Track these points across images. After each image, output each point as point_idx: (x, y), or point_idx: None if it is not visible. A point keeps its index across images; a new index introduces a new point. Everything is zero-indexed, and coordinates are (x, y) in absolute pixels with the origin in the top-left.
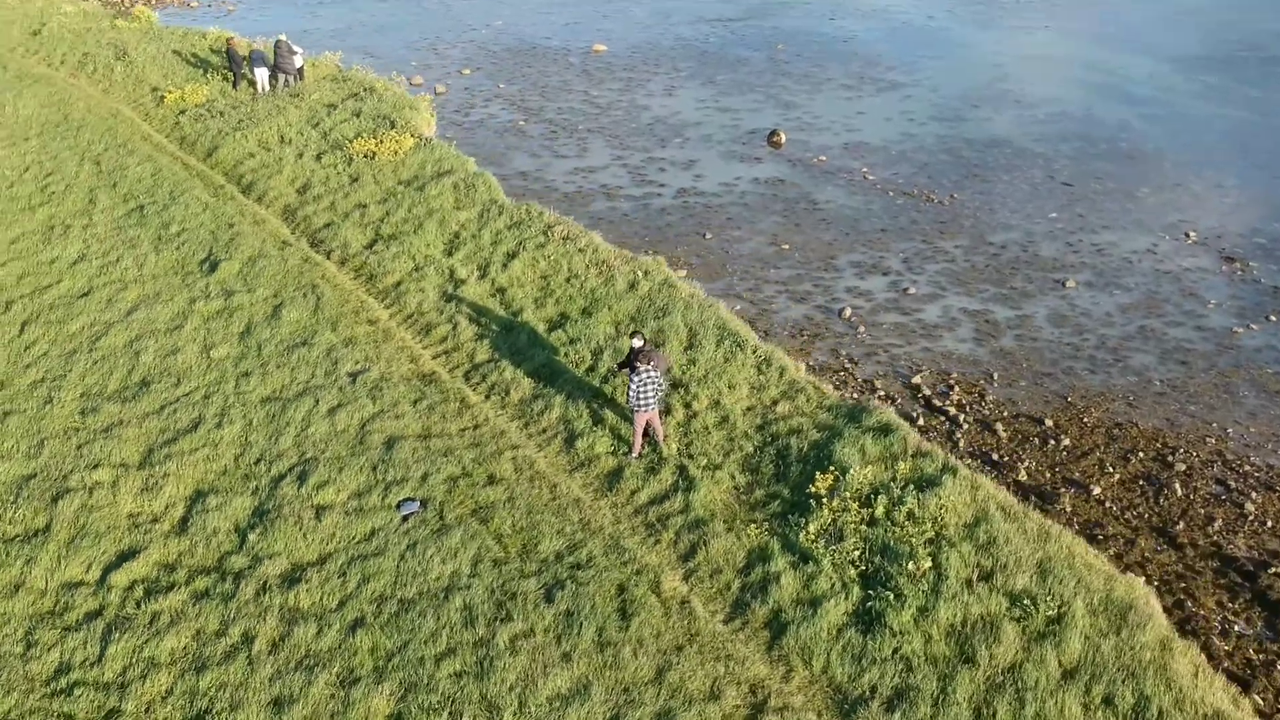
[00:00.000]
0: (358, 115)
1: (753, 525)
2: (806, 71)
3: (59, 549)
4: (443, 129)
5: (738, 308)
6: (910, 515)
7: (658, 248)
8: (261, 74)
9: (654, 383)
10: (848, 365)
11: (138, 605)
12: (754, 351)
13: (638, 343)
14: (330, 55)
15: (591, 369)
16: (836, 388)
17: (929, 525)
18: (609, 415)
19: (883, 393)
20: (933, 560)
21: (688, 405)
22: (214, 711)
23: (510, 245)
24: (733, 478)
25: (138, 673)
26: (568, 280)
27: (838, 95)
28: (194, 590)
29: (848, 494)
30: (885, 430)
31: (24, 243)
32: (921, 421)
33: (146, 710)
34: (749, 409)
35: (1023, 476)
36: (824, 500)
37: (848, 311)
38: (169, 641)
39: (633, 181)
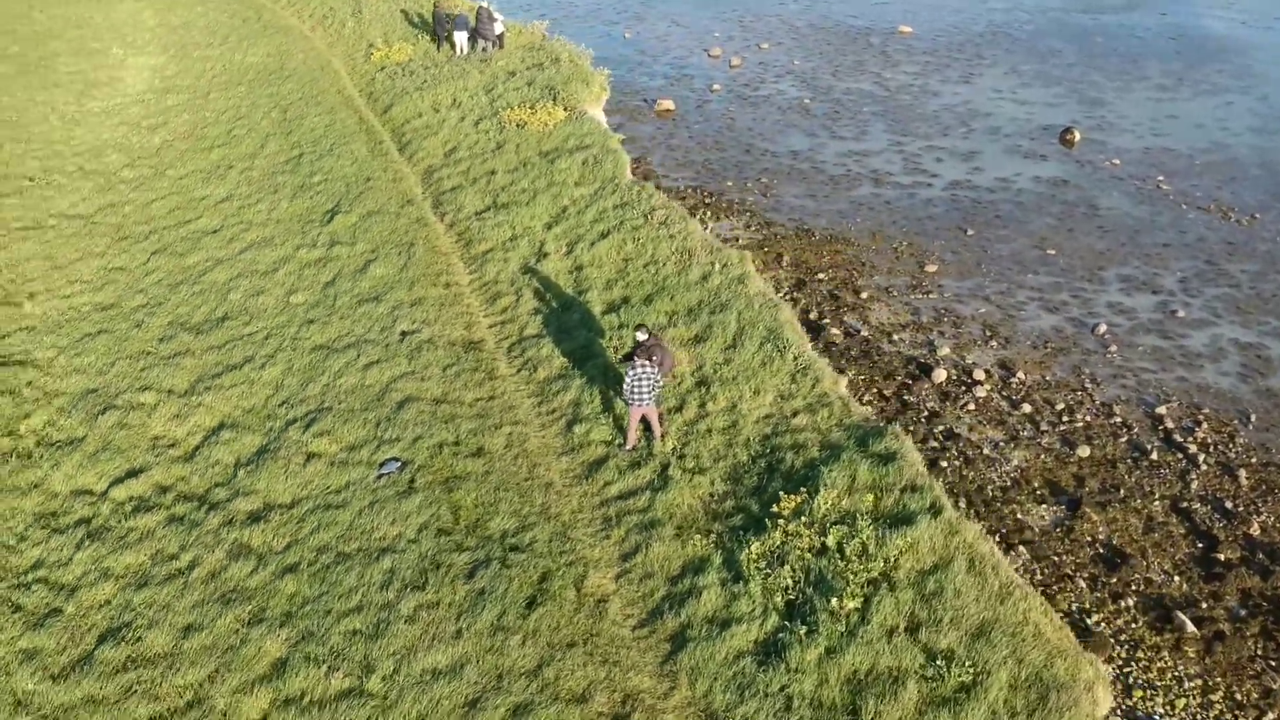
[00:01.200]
0: (530, 85)
1: (699, 535)
2: (1121, 68)
3: (83, 458)
4: (727, 103)
5: (982, 310)
6: (863, 551)
7: (912, 240)
8: (460, 37)
9: (649, 379)
10: (1087, 385)
11: (122, 519)
12: (794, 359)
13: (642, 336)
14: (538, 24)
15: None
16: (1069, 408)
17: (879, 564)
18: (620, 405)
19: (1119, 419)
20: (864, 601)
21: (702, 405)
22: (133, 626)
23: (607, 225)
24: (712, 484)
25: (90, 580)
26: (645, 265)
27: (1149, 95)
28: (172, 514)
29: (804, 519)
30: (888, 458)
31: (189, 179)
32: (1155, 456)
33: (81, 615)
34: (765, 416)
35: (1255, 530)
36: (781, 522)
37: (1102, 328)
38: (127, 557)
39: (904, 169)
